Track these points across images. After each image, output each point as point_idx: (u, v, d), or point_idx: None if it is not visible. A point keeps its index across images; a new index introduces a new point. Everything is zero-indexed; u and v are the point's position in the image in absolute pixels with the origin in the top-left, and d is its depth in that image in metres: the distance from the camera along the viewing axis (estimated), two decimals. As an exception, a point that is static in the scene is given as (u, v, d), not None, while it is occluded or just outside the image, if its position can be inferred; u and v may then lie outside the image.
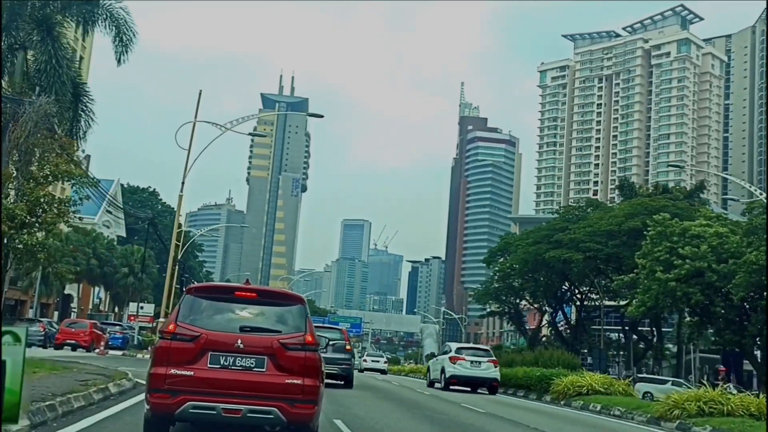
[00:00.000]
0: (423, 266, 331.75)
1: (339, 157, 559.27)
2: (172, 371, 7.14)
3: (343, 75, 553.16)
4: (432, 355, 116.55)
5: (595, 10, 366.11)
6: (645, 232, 29.38)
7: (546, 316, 63.18)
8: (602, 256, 32.90)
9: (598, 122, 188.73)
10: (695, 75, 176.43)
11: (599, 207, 42.94)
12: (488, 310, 62.20)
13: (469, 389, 26.83)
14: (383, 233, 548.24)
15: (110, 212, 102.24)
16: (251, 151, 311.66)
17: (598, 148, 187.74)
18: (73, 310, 67.19)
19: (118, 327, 37.80)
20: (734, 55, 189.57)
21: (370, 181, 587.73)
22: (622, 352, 50.05)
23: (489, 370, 26.70)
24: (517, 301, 58.83)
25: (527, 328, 61.23)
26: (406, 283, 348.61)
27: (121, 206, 76.68)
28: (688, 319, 34.95)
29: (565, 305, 58.41)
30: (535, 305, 60.08)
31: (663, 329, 41.83)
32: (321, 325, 30.43)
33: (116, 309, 59.76)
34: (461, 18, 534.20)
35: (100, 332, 34.72)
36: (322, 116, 26.11)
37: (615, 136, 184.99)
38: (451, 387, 26.88)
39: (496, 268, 57.82)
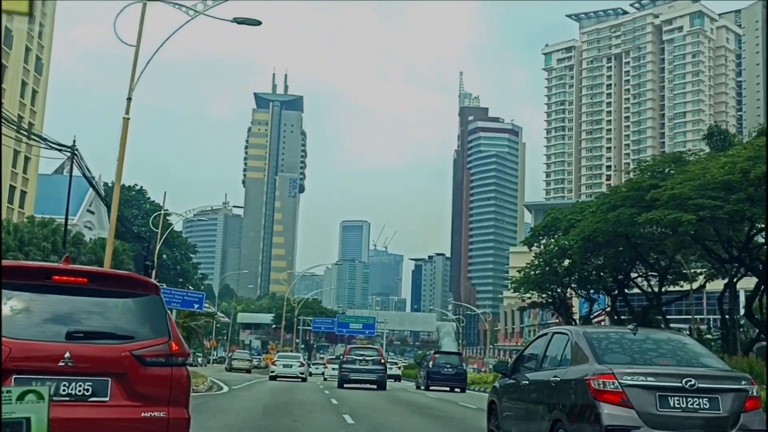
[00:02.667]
0: (426, 264, 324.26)
1: (335, 157, 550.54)
2: None
3: (336, 74, 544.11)
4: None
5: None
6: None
7: (595, 305, 54.23)
8: (722, 216, 24.24)
9: (609, 104, 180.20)
10: (710, 49, 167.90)
11: (686, 161, 34.23)
12: (529, 300, 53.11)
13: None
14: (383, 233, 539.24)
15: (92, 212, 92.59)
16: (246, 152, 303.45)
17: (609, 130, 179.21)
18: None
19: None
20: (745, 30, 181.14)
21: (367, 181, 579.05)
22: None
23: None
24: (560, 290, 49.99)
25: (575, 320, 52.21)
26: (410, 282, 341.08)
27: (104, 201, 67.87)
28: None
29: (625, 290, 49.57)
30: (582, 293, 51.06)
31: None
32: (362, 345, 40.01)
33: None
34: (454, 9, 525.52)
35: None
36: (258, 23, 17.17)
37: (627, 117, 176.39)
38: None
39: (539, 250, 48.82)
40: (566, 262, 48.24)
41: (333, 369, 43.40)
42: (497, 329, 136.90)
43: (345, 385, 29.63)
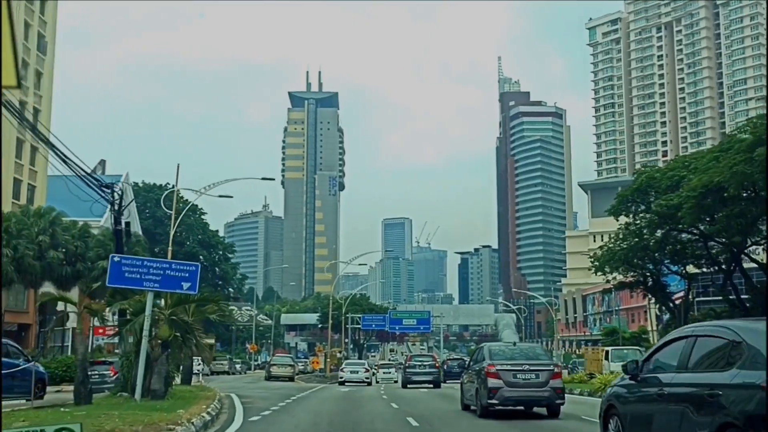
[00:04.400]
0: (473, 257, 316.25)
1: (372, 156, 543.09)
2: None
3: (370, 72, 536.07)
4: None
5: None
6: None
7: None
8: None
9: (661, 76, 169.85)
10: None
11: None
12: (615, 280, 45.21)
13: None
14: (425, 229, 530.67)
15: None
16: (284, 152, 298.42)
17: (663, 104, 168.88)
18: (67, 329, 52.04)
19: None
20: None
21: (407, 179, 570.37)
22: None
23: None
24: (652, 266, 41.99)
25: (672, 301, 44.06)
26: (456, 276, 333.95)
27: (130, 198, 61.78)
28: None
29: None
30: (678, 269, 42.93)
31: None
32: (421, 353, 52.20)
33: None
34: (487, 3, 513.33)
35: None
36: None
37: (682, 89, 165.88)
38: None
39: (627, 220, 41.05)
40: (659, 233, 40.51)
41: (384, 373, 49.50)
42: (557, 319, 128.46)
43: (408, 385, 36.19)
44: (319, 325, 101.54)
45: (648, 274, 43.34)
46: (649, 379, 7.90)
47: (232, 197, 34.05)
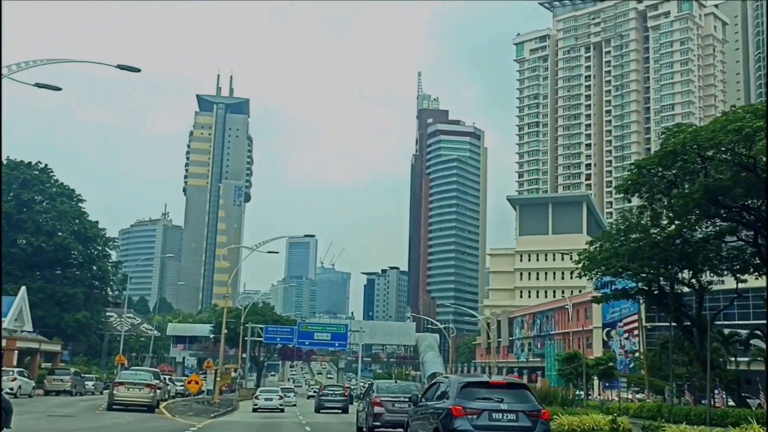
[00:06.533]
0: (380, 278, 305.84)
1: (281, 172, 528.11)
2: None
3: (283, 89, 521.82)
4: (434, 376, 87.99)
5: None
6: None
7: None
8: None
9: (588, 96, 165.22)
10: (699, 37, 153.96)
11: None
12: (603, 287, 34.70)
13: None
14: (330, 251, 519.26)
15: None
16: (188, 158, 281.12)
17: (588, 126, 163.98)
18: None
19: None
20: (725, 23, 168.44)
21: (315, 197, 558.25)
22: None
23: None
24: (663, 268, 31.47)
25: (689, 315, 33.67)
26: (361, 298, 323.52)
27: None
28: None
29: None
30: (691, 278, 32.39)
31: None
32: (333, 384, 60.13)
33: None
34: (405, 24, 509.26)
35: None
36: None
37: (608, 111, 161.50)
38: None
39: (639, 203, 30.69)
40: (673, 226, 30.40)
41: (286, 398, 50.85)
42: (476, 343, 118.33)
43: (321, 410, 41.78)
44: (212, 337, 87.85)
45: (652, 280, 32.91)
46: (420, 404, 15.87)
47: (60, 89, 21.60)
